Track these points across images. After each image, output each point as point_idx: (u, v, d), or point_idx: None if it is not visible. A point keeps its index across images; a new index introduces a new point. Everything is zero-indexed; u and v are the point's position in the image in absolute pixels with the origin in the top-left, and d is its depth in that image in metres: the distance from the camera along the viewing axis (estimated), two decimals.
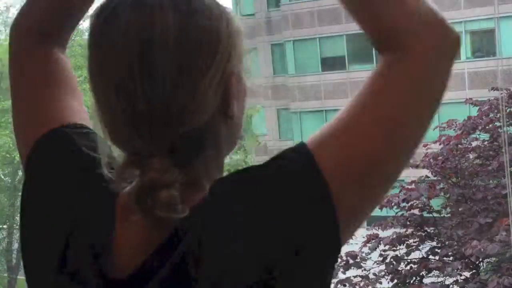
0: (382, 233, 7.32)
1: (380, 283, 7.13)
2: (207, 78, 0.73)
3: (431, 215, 7.57)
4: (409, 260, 7.26)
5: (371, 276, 7.15)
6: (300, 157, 0.73)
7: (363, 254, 7.14)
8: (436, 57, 0.78)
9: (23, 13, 0.94)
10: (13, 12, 16.77)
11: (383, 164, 0.74)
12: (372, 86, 0.76)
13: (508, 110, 8.36)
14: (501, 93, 7.33)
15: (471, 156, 8.28)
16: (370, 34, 0.80)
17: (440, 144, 8.25)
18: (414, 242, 7.37)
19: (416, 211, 7.46)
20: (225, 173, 0.79)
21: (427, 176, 8.07)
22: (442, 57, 0.79)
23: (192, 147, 0.74)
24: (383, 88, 0.75)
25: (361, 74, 22.55)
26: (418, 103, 0.76)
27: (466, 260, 6.70)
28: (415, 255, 7.36)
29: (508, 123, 8.18)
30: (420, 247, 7.36)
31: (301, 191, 0.72)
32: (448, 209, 7.89)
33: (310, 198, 0.72)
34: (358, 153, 0.73)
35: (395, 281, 7.05)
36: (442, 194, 7.78)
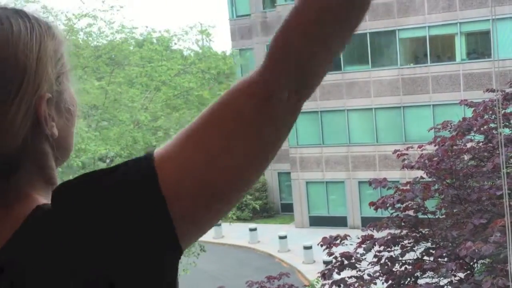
0: (377, 234, 7.33)
1: (375, 284, 7.14)
2: (14, 107, 0.77)
3: (426, 216, 7.57)
4: (403, 261, 7.27)
5: (365, 277, 7.15)
6: (142, 167, 0.77)
7: (358, 255, 7.14)
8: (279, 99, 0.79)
9: None
10: None
11: (225, 181, 0.78)
12: (225, 100, 0.80)
13: (503, 112, 8.38)
14: (497, 95, 7.34)
15: (466, 157, 8.30)
16: None
17: (435, 145, 8.27)
18: (408, 243, 7.38)
19: (411, 212, 7.47)
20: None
21: (422, 177, 8.08)
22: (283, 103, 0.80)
23: (6, 167, 0.78)
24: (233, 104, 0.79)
25: (356, 75, 22.58)
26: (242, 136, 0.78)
27: (461, 261, 6.71)
28: (410, 256, 7.37)
29: (503, 124, 8.20)
30: (414, 248, 7.37)
31: (137, 201, 0.75)
32: (443, 210, 7.91)
33: (146, 207, 0.75)
34: (198, 169, 0.76)
35: (390, 282, 7.06)
36: (437, 195, 7.79)
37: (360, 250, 7.14)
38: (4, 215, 0.77)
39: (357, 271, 7.16)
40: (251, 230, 22.19)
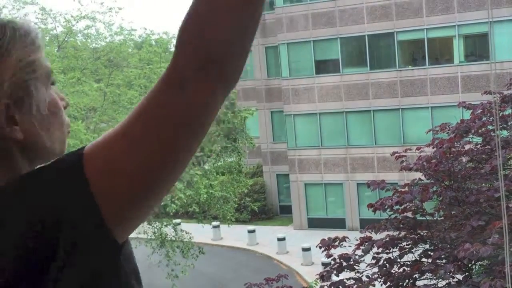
0: (376, 236, 7.33)
1: (373, 285, 7.13)
2: None
3: (424, 218, 7.58)
4: (402, 263, 7.27)
5: (364, 278, 7.15)
6: (72, 157, 0.84)
7: (356, 257, 7.14)
8: (192, 81, 0.81)
9: None
10: (5, 13, 16.71)
11: (145, 173, 0.82)
12: (151, 93, 0.83)
13: (501, 114, 8.40)
14: (494, 97, 7.36)
15: (464, 159, 8.31)
16: None
17: (433, 147, 8.27)
18: (407, 244, 7.38)
19: (409, 214, 7.47)
20: None
21: (420, 179, 8.09)
22: (199, 82, 0.81)
23: None
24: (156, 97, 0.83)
25: (354, 77, 22.60)
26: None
27: (459, 263, 6.71)
28: (408, 257, 7.37)
29: (501, 126, 8.21)
30: (413, 250, 7.37)
31: (64, 189, 0.82)
32: (441, 212, 7.91)
33: (72, 195, 0.81)
34: (121, 149, 0.82)
35: (388, 283, 7.06)
36: (435, 197, 7.79)
37: (359, 252, 7.14)
38: None
39: (355, 273, 7.15)
40: (249, 232, 22.18)
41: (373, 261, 7.22)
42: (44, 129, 0.91)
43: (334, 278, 7.14)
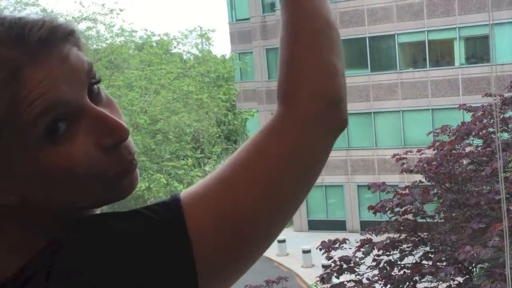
0: (376, 238, 7.33)
1: None
2: None
3: (424, 220, 7.58)
4: (402, 265, 7.27)
5: (364, 281, 7.14)
6: (169, 212, 0.71)
7: (357, 259, 7.14)
8: (313, 124, 0.77)
9: None
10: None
11: (253, 224, 0.73)
12: (253, 142, 0.76)
13: (501, 116, 8.39)
14: (495, 99, 7.36)
15: (464, 161, 8.31)
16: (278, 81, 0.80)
17: (434, 150, 8.27)
18: (407, 247, 7.37)
19: (409, 216, 7.47)
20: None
21: (420, 181, 8.08)
22: (319, 127, 0.77)
23: None
24: (262, 145, 0.75)
25: (355, 79, 22.60)
26: (288, 168, 0.75)
27: (459, 265, 6.71)
28: (409, 260, 7.37)
29: (501, 129, 8.21)
30: (413, 252, 7.36)
31: (162, 248, 0.68)
32: (442, 214, 7.90)
33: (170, 256, 0.68)
34: (228, 211, 0.72)
35: (389, 286, 7.05)
36: (435, 199, 7.79)
37: (359, 254, 7.14)
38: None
39: (356, 275, 7.15)
40: None
41: (374, 263, 7.22)
42: (52, 189, 0.71)
43: (335, 280, 7.14)
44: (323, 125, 0.77)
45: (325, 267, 9.70)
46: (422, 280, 7.08)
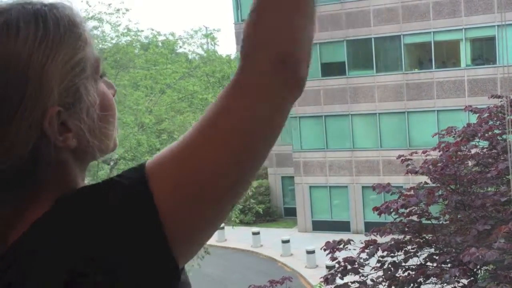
0: (380, 239, 7.31)
1: None
2: (14, 125, 0.76)
3: (429, 221, 7.55)
4: (407, 267, 7.25)
5: (368, 282, 7.13)
6: (135, 176, 0.77)
7: (361, 260, 7.12)
8: (269, 79, 0.78)
9: None
10: None
11: (217, 178, 0.76)
12: (218, 98, 0.79)
13: (509, 118, 8.35)
14: (501, 101, 7.34)
15: (470, 163, 8.28)
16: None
17: (439, 151, 8.25)
18: (412, 248, 7.35)
19: (414, 218, 7.45)
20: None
21: (426, 183, 8.06)
22: (276, 82, 0.78)
23: (19, 177, 0.79)
24: (224, 101, 0.78)
25: (360, 79, 22.57)
26: (246, 127, 0.77)
27: (464, 267, 6.69)
28: (413, 261, 7.35)
29: (510, 130, 8.17)
30: (418, 254, 7.34)
31: (128, 211, 0.75)
32: (447, 216, 7.88)
33: (137, 218, 0.74)
34: (191, 168, 0.75)
35: (393, 287, 7.04)
36: (440, 200, 7.76)
37: (363, 255, 7.12)
38: (20, 219, 0.79)
39: (360, 276, 7.13)
40: (254, 234, 22.17)
41: (378, 265, 7.20)
42: (96, 131, 0.83)
43: (339, 281, 7.12)
44: (279, 81, 0.78)
45: (329, 268, 9.69)
46: (427, 282, 7.06)
